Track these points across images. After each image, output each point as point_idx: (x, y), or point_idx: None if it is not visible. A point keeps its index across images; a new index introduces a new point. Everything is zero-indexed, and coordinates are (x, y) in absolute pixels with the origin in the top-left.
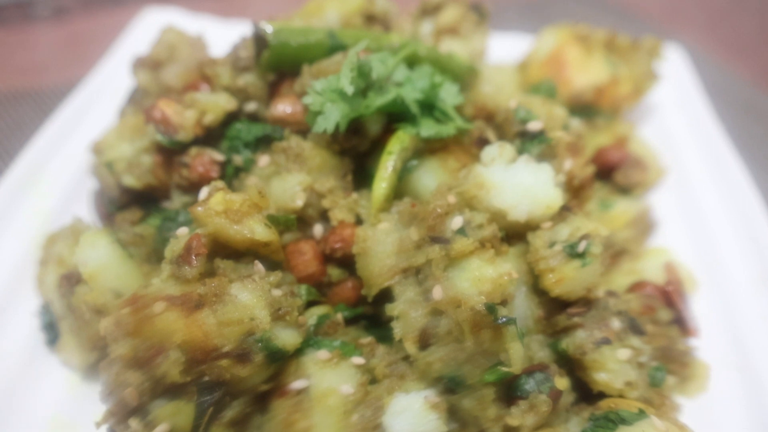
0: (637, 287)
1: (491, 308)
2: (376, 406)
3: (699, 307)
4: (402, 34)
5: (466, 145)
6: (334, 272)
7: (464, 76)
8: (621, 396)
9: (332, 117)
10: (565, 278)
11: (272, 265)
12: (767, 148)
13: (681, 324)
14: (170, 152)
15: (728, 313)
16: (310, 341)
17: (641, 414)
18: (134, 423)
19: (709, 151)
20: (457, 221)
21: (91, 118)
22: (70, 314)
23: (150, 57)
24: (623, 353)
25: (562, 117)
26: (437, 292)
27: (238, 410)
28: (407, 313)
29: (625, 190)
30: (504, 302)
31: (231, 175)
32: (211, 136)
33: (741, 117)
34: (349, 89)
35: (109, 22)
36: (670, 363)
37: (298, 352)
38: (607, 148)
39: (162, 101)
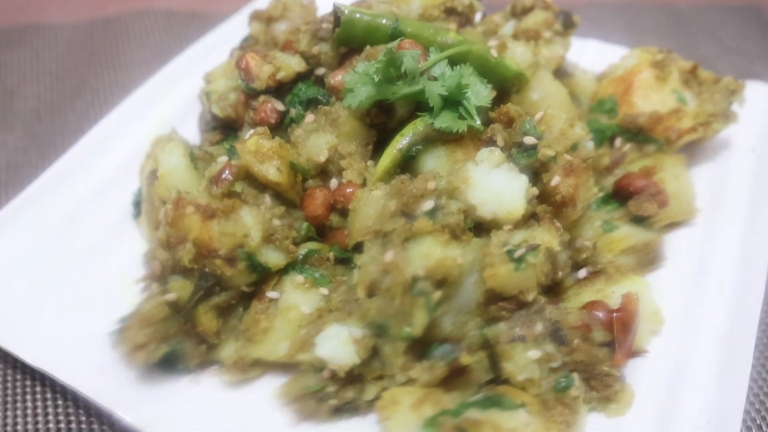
0: (590, 305)
1: (415, 279)
2: (320, 328)
3: (653, 342)
4: (472, 33)
5: (478, 143)
6: (336, 219)
7: (512, 81)
8: (522, 389)
9: (359, 96)
10: (497, 276)
11: (287, 201)
12: None
13: (612, 349)
14: (248, 95)
15: (676, 356)
16: (295, 266)
17: (517, 405)
18: (155, 286)
19: (755, 207)
20: (428, 204)
21: (218, 54)
22: (148, 199)
23: (265, 11)
24: (533, 353)
25: (575, 138)
26: (389, 255)
27: (225, 299)
28: (367, 265)
29: (639, 219)
30: (443, 281)
31: (287, 124)
32: (283, 89)
33: None
34: (376, 76)
35: None
36: (592, 380)
37: (283, 271)
38: (632, 174)
39: (249, 53)
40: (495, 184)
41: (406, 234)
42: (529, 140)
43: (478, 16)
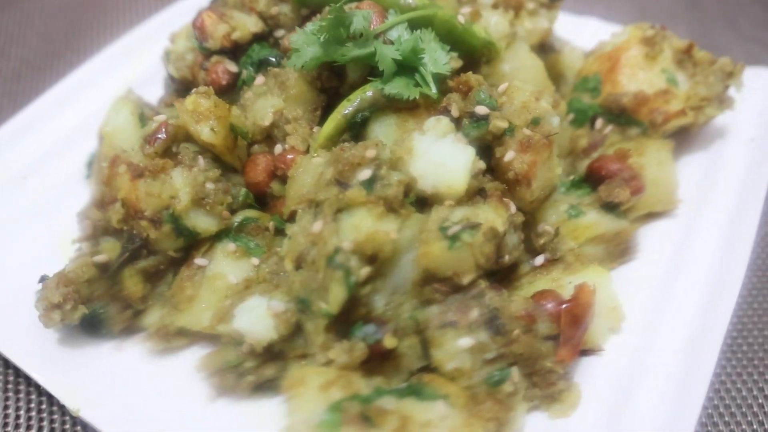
0: (539, 295)
1: (337, 251)
2: (242, 299)
3: (611, 340)
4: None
5: (434, 113)
6: (277, 187)
7: (480, 50)
8: (452, 379)
9: (303, 56)
10: (430, 254)
11: (227, 166)
12: None
13: (557, 344)
14: (204, 56)
15: (634, 357)
16: (229, 233)
17: (437, 396)
18: (86, 246)
19: (743, 203)
20: (365, 173)
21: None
22: (97, 159)
23: None
24: (465, 341)
25: (538, 112)
26: (317, 226)
27: (152, 264)
28: (296, 236)
29: (611, 206)
30: (374, 257)
31: (240, 86)
32: (239, 50)
33: None
34: (322, 36)
35: None
36: (535, 376)
37: (216, 238)
38: (605, 157)
39: (206, 12)
40: (438, 156)
41: (339, 204)
42: (481, 110)
43: None
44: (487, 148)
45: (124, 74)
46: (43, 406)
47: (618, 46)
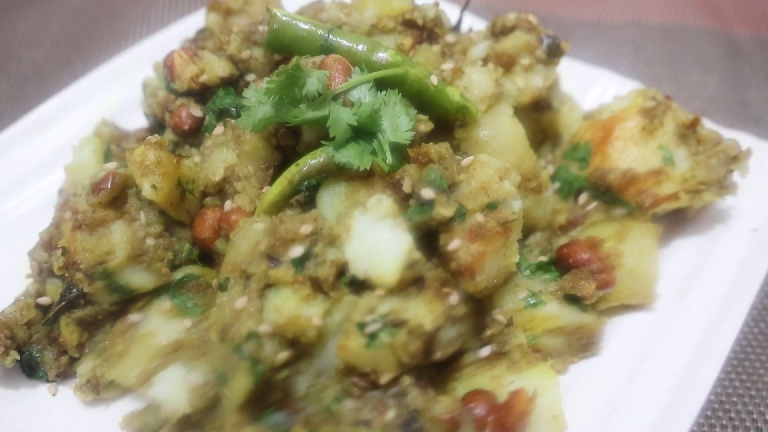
0: (471, 396)
1: (249, 336)
2: (165, 364)
3: None
4: (427, 51)
5: (388, 184)
6: (222, 246)
7: (453, 114)
8: None
9: (253, 117)
10: (347, 348)
11: (174, 219)
12: None
13: None
14: (173, 96)
15: None
16: (169, 289)
17: None
18: (32, 287)
19: (729, 302)
20: (297, 250)
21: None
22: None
23: (224, 2)
24: None
25: (499, 195)
26: (240, 302)
27: (89, 313)
28: (224, 307)
29: (575, 297)
30: (295, 341)
31: (204, 132)
32: (209, 92)
33: None
34: (272, 97)
35: None
36: None
37: (155, 293)
38: (577, 243)
39: (178, 51)
40: (373, 240)
41: (266, 280)
42: (426, 194)
43: (468, 27)
44: (435, 232)
45: (109, 99)
46: None
47: (615, 115)
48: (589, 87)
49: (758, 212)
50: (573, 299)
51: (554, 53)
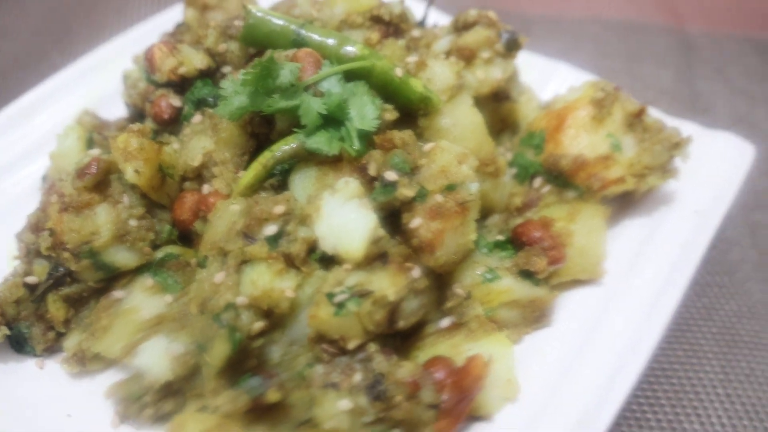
0: (432, 362)
1: (227, 307)
2: (150, 336)
3: (506, 409)
4: (393, 45)
5: (355, 168)
6: (201, 226)
7: (417, 104)
8: None
9: (230, 106)
10: (317, 318)
11: (155, 202)
12: None
13: (438, 413)
14: (152, 87)
15: (526, 429)
16: (151, 267)
17: None
18: (20, 267)
19: (670, 279)
20: (271, 228)
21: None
22: (47, 179)
23: None
24: (343, 404)
25: (457, 177)
26: (219, 277)
27: (75, 291)
28: (203, 282)
29: (529, 272)
30: (269, 312)
31: (182, 121)
32: (188, 83)
33: None
34: (246, 87)
35: None
36: None
37: (137, 271)
38: (530, 223)
39: (158, 44)
40: (340, 220)
41: (243, 256)
42: (390, 176)
43: (434, 23)
44: (399, 211)
45: (94, 87)
46: None
47: (568, 105)
48: (548, 79)
49: (700, 195)
50: (527, 274)
51: (512, 47)
